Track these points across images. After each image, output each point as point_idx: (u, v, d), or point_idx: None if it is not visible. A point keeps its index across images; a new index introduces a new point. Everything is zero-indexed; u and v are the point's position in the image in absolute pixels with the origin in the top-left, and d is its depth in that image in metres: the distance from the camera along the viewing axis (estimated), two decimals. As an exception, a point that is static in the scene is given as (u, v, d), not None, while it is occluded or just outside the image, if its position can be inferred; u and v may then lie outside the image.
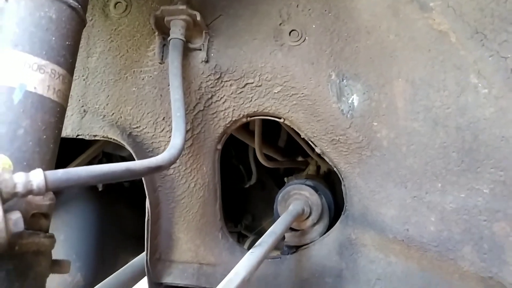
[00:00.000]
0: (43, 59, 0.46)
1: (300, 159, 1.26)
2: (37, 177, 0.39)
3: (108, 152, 0.98)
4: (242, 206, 1.46)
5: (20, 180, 0.38)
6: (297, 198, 0.84)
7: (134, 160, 1.01)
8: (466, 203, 0.53)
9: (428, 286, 0.62)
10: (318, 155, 0.91)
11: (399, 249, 0.64)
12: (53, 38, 0.47)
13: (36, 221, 0.45)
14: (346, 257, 0.73)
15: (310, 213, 0.83)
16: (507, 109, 0.51)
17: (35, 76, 0.46)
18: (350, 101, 0.64)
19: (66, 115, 0.70)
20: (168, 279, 0.81)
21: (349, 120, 0.65)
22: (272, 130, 1.16)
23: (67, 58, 0.49)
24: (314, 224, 0.83)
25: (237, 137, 0.98)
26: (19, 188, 0.38)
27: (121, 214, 1.08)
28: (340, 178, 0.72)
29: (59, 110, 0.48)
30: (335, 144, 0.68)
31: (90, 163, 1.02)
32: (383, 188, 0.64)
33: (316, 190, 0.84)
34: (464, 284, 0.57)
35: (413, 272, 0.65)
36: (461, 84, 0.55)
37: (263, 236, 0.64)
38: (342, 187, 0.73)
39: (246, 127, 0.99)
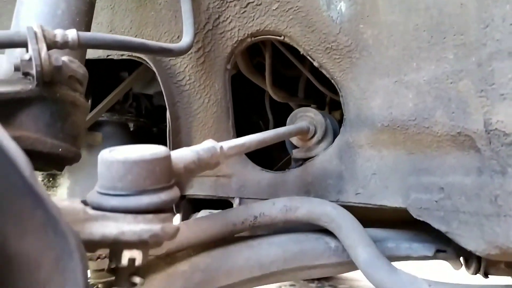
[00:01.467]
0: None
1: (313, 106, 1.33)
2: (72, 33, 0.51)
3: (136, 92, 1.11)
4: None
5: (59, 32, 0.50)
6: (303, 119, 0.92)
7: (158, 98, 1.13)
8: (436, 72, 0.60)
9: (414, 166, 0.69)
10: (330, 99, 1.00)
11: (387, 137, 0.71)
12: None
13: (73, 83, 0.57)
14: (345, 160, 0.80)
15: (315, 132, 0.91)
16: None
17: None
18: (338, 8, 0.72)
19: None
20: (189, 192, 0.92)
21: (338, 26, 0.73)
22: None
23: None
24: (319, 142, 0.90)
25: (252, 80, 1.08)
26: (58, 38, 0.50)
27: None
28: (338, 90, 0.80)
29: (89, 2, 0.61)
30: (329, 52, 0.76)
31: (121, 105, 1.15)
32: (371, 84, 0.72)
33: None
34: (441, 151, 0.63)
35: (401, 158, 0.71)
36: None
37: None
38: (340, 99, 0.81)
39: (259, 69, 1.08)
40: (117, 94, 1.00)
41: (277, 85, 1.08)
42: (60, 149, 0.54)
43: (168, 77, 0.83)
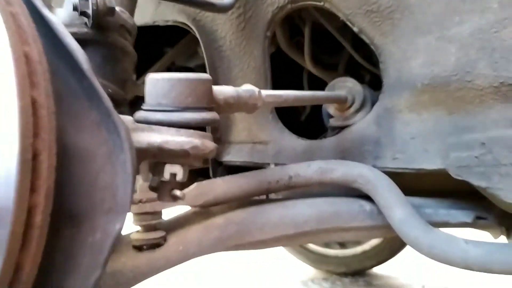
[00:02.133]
0: None
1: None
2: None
3: (179, 65, 1.15)
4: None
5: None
6: (342, 89, 0.92)
7: (200, 72, 1.17)
8: (480, 23, 0.59)
9: (455, 126, 0.68)
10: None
11: (428, 98, 0.71)
12: None
13: (123, 31, 0.61)
14: (384, 126, 0.80)
15: (353, 102, 0.91)
16: None
17: None
18: (378, -31, 0.73)
19: (145, 6, 0.89)
20: (227, 158, 0.94)
21: (379, -13, 0.73)
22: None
23: None
24: (357, 111, 0.90)
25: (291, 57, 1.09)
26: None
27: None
28: (378, 56, 0.80)
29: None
30: (369, 15, 0.76)
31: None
32: (412, 43, 0.71)
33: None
34: (483, 106, 0.62)
35: (441, 119, 0.70)
36: None
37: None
38: (380, 66, 0.80)
39: (298, 47, 1.10)
40: (160, 66, 1.04)
41: (316, 61, 1.08)
42: (109, 90, 0.57)
43: (210, 42, 0.86)
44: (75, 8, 0.53)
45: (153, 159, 0.42)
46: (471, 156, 0.64)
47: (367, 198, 0.76)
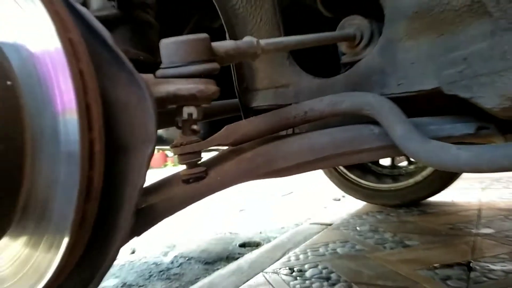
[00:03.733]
0: None
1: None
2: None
3: (205, 26, 1.28)
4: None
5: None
6: (351, 26, 1.00)
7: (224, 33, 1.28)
8: None
9: (444, 46, 0.75)
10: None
11: (419, 24, 0.77)
12: None
13: (144, 7, 0.74)
14: (387, 56, 0.88)
15: (362, 37, 0.98)
16: None
17: None
18: None
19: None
20: (254, 104, 1.08)
21: None
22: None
23: None
24: (366, 46, 0.98)
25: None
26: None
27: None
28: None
29: None
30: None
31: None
32: (400, -24, 0.77)
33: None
34: (463, 24, 0.68)
35: (433, 42, 0.77)
36: None
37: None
38: (382, 2, 0.87)
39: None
40: (189, 30, 1.18)
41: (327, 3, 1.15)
42: (141, 57, 0.72)
43: (224, 4, 0.98)
44: (103, -4, 0.68)
45: (173, 104, 0.56)
46: (456, 71, 0.71)
47: (376, 123, 0.86)
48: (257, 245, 2.37)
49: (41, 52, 0.47)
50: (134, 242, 2.63)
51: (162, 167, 12.11)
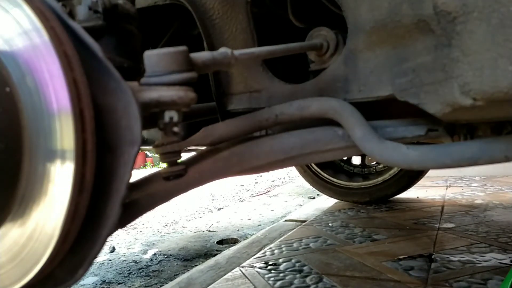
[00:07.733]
0: None
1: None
2: (122, -19, 0.75)
3: (185, 34, 1.36)
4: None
5: (114, -19, 0.74)
6: (318, 37, 1.09)
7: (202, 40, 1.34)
8: (400, -27, 0.74)
9: (397, 58, 0.84)
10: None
11: (376, 38, 0.87)
12: None
13: (128, 18, 0.81)
14: (350, 65, 0.97)
15: (328, 48, 1.07)
16: None
17: None
18: None
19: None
20: (231, 107, 1.15)
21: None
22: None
23: None
24: (332, 55, 1.07)
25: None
26: (114, -15, 0.74)
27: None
28: (341, 5, 0.95)
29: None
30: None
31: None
32: (359, -6, 0.87)
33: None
34: (412, 39, 0.78)
35: (389, 53, 0.86)
36: None
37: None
38: (343, 13, 0.96)
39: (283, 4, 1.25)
40: (169, 38, 1.25)
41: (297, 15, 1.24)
42: (125, 64, 0.79)
43: (202, 14, 1.05)
44: (89, 8, 0.74)
45: (156, 108, 0.64)
46: (407, 80, 0.81)
47: (339, 125, 0.95)
48: (234, 242, 2.44)
49: (38, 63, 0.54)
50: (114, 240, 2.66)
51: (142, 167, 12.03)
